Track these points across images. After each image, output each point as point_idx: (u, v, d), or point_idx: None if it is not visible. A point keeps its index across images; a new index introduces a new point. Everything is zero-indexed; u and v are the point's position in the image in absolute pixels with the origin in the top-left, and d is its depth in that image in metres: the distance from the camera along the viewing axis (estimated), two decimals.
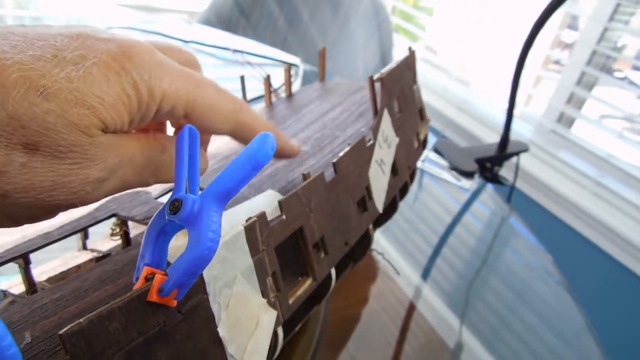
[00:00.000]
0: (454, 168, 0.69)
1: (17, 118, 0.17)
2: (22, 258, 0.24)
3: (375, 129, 0.36)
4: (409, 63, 0.44)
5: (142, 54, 0.20)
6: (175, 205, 0.19)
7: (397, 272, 0.49)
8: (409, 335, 0.44)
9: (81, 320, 0.16)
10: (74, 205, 0.19)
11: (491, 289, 0.55)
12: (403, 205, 0.58)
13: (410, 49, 0.45)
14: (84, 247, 0.32)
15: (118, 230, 0.29)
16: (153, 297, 0.18)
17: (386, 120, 0.37)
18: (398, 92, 0.41)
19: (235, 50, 0.89)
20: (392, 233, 0.58)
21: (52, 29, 0.19)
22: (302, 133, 0.40)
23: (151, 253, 0.20)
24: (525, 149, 0.79)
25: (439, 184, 0.69)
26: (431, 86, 1.69)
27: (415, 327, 0.45)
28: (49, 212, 0.19)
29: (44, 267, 0.28)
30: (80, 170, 0.19)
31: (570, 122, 1.36)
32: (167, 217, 0.19)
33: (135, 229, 0.31)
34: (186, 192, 0.20)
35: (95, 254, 0.30)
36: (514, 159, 0.82)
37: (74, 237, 0.32)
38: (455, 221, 0.65)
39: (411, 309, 0.47)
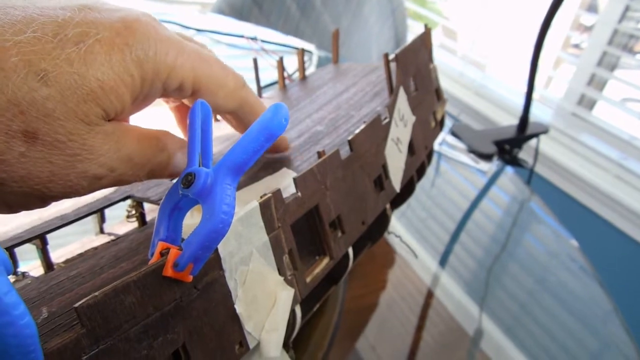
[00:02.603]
0: (472, 151, 0.68)
1: (16, 103, 0.16)
2: (39, 239, 0.24)
3: (391, 107, 0.35)
4: (425, 41, 0.43)
5: (147, 28, 0.20)
6: (188, 179, 0.19)
7: (415, 255, 0.48)
8: (427, 323, 0.43)
9: (97, 293, 0.16)
10: (68, 197, 0.19)
11: (511, 274, 0.53)
12: (419, 191, 0.57)
13: (426, 26, 0.44)
14: (101, 231, 0.32)
15: (134, 212, 0.29)
16: (168, 271, 0.18)
17: (402, 98, 0.37)
18: (414, 70, 0.40)
19: (250, 38, 0.89)
20: (409, 219, 0.57)
21: (54, 1, 0.18)
22: (316, 114, 0.39)
23: (165, 228, 0.19)
24: (545, 131, 0.78)
25: (455, 170, 0.68)
26: (447, 71, 1.67)
27: (434, 314, 0.44)
28: (43, 201, 0.19)
29: (63, 251, 0.28)
30: (78, 164, 0.18)
31: (591, 104, 1.33)
32: (180, 192, 0.19)
33: (150, 214, 0.31)
34: (199, 166, 0.20)
35: (112, 238, 0.31)
36: (533, 142, 0.80)
37: (91, 221, 0.32)
38: (474, 206, 0.64)
39: (429, 296, 0.46)
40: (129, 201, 0.29)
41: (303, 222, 0.26)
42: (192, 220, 0.23)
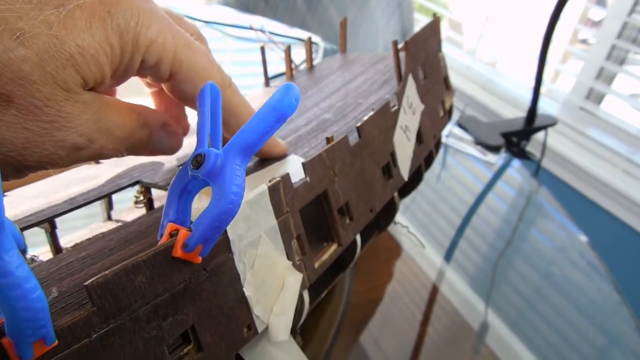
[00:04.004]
0: (479, 143, 0.68)
1: None
2: (48, 222, 0.24)
3: (399, 94, 0.34)
4: (434, 29, 0.43)
5: None
6: (198, 160, 0.19)
7: (422, 246, 0.48)
8: (432, 318, 0.43)
9: (107, 272, 0.16)
10: (44, 167, 0.18)
11: (517, 269, 0.53)
12: (424, 185, 0.56)
13: (435, 15, 0.44)
14: (109, 218, 0.32)
15: (142, 198, 0.29)
16: (178, 252, 0.18)
17: (411, 85, 0.36)
18: (423, 57, 0.39)
19: (258, 29, 0.88)
20: (414, 213, 0.56)
21: None
22: (324, 102, 0.39)
23: (175, 210, 0.19)
24: (553, 123, 0.77)
25: (461, 165, 0.68)
26: (454, 65, 1.66)
27: (439, 309, 0.44)
28: (19, 171, 0.18)
29: (71, 237, 0.28)
30: (55, 132, 0.17)
31: (599, 98, 1.31)
32: (190, 173, 0.19)
33: (158, 201, 0.31)
34: (209, 148, 0.20)
35: (119, 225, 0.31)
36: (540, 136, 0.79)
37: (99, 208, 0.32)
38: (480, 199, 0.64)
39: (434, 291, 0.46)
40: (137, 187, 0.29)
41: (311, 208, 0.26)
42: (200, 204, 0.23)
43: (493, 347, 0.42)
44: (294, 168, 0.28)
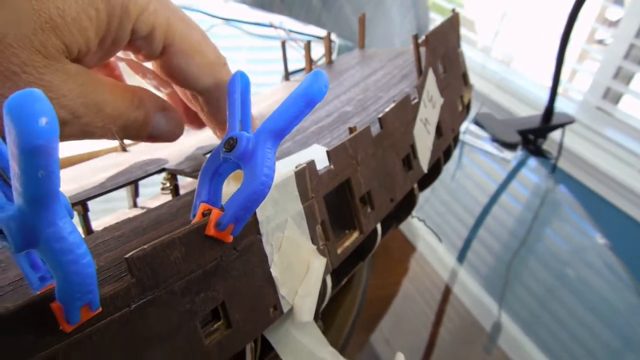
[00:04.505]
0: (495, 140, 0.68)
1: None
2: (81, 204, 0.25)
3: (420, 88, 0.35)
4: (453, 24, 0.43)
5: None
6: (230, 143, 0.19)
7: (439, 239, 0.48)
8: (444, 318, 0.43)
9: (145, 246, 0.17)
10: None
11: (531, 269, 0.52)
12: (439, 184, 0.56)
13: (454, 10, 0.44)
14: (135, 205, 0.33)
15: (168, 184, 0.30)
16: (210, 230, 0.19)
17: (431, 79, 0.37)
18: (442, 52, 0.40)
19: (278, 27, 0.89)
20: (427, 213, 0.56)
21: None
22: (344, 95, 0.39)
23: (207, 192, 0.20)
24: (571, 121, 0.77)
25: (476, 164, 0.67)
26: (467, 63, 1.65)
27: (451, 309, 0.44)
28: None
29: (98, 222, 0.29)
30: None
31: (617, 98, 1.30)
32: (222, 155, 0.20)
33: (184, 189, 0.32)
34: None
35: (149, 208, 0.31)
36: (556, 136, 0.78)
37: (125, 197, 0.33)
38: (495, 198, 0.64)
39: (447, 291, 0.46)
40: (163, 174, 0.30)
41: (334, 197, 0.27)
42: (229, 189, 0.24)
43: (505, 349, 0.41)
44: (317, 157, 0.29)
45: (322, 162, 0.26)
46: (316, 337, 0.25)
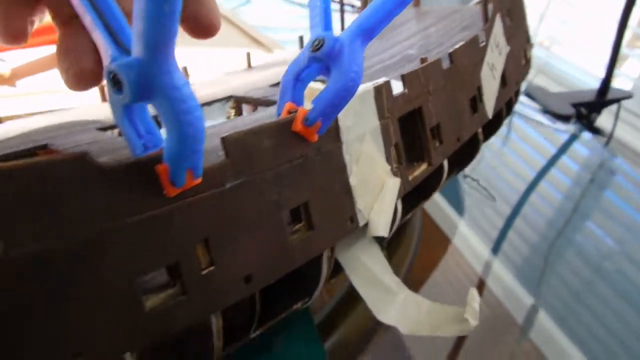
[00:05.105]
0: (547, 112, 0.66)
1: None
2: None
3: (487, 31, 0.34)
4: None
5: None
6: (316, 44, 0.19)
7: (493, 199, 0.47)
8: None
9: (240, 130, 0.17)
10: None
11: (568, 261, 0.49)
12: (487, 152, 0.53)
13: None
14: None
15: (234, 113, 0.30)
16: (298, 126, 0.18)
17: (498, 25, 0.36)
18: (508, 4, 0.39)
19: None
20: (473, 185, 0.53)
21: None
22: (406, 42, 0.39)
23: (291, 93, 0.20)
24: (628, 96, 0.73)
25: (523, 142, 0.64)
26: None
27: (482, 300, 0.41)
28: None
29: None
30: None
31: None
32: (309, 55, 0.19)
33: None
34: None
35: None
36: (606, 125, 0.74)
37: None
38: (542, 173, 0.60)
39: (481, 284, 0.43)
40: (230, 102, 0.30)
41: (405, 127, 0.26)
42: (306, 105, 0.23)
43: (537, 342, 0.39)
44: None
45: (396, 89, 0.25)
46: (382, 264, 0.25)
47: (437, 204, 0.48)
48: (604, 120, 0.73)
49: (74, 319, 0.13)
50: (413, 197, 0.29)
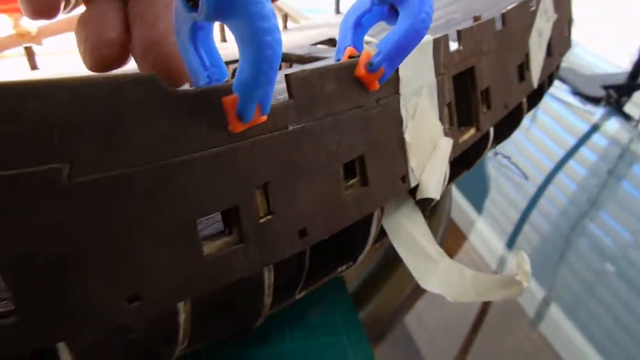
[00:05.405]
0: (577, 93, 0.64)
1: None
2: None
3: None
4: None
5: None
6: None
7: (525, 177, 0.46)
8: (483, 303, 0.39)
9: (304, 69, 0.15)
10: None
11: (581, 255, 0.47)
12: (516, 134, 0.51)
13: None
14: None
15: None
16: (361, 70, 0.17)
17: None
18: None
19: None
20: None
21: None
22: (447, 7, 0.37)
23: (352, 38, 0.19)
24: None
25: (549, 126, 0.61)
26: None
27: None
28: None
29: None
30: None
31: None
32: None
33: None
34: None
35: None
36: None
37: None
38: (570, 154, 0.59)
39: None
40: None
41: (456, 89, 0.25)
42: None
43: (546, 334, 0.38)
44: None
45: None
46: (425, 232, 0.24)
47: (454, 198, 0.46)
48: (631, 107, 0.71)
49: (133, 258, 0.12)
50: (455, 165, 0.28)
